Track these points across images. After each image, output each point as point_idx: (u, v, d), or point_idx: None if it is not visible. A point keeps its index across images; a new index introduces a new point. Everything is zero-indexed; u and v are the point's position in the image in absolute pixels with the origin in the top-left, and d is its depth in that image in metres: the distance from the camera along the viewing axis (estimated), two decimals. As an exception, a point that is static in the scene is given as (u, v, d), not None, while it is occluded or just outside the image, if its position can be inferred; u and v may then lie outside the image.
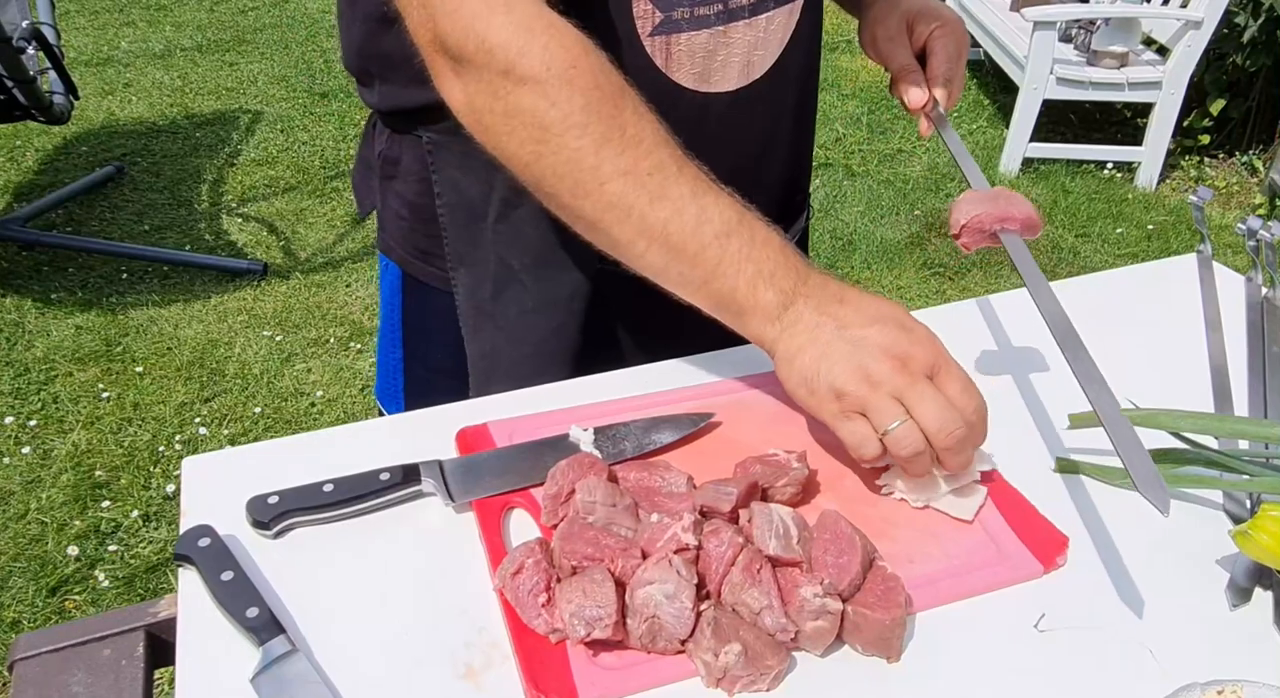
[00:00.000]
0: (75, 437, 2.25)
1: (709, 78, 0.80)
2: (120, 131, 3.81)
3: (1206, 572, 0.66)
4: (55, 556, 1.93)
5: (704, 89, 0.80)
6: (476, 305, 0.88)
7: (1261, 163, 3.64)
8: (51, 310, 2.72)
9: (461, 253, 0.87)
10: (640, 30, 0.75)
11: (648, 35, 0.75)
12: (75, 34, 4.73)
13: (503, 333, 0.89)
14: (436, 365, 0.95)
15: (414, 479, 0.69)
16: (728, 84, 0.82)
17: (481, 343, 0.90)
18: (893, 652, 0.58)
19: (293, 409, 2.39)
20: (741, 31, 0.79)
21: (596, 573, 0.58)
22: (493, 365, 0.90)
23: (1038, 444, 0.76)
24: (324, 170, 3.56)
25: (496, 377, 0.89)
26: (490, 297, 0.87)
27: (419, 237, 0.90)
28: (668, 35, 0.76)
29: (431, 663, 0.58)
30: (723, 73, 0.81)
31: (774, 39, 0.82)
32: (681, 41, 0.77)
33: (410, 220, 0.90)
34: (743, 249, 0.66)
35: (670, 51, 0.77)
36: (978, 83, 4.40)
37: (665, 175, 0.66)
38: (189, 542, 0.63)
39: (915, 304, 2.82)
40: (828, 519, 0.63)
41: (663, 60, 0.77)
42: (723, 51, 0.79)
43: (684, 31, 0.76)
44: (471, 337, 0.90)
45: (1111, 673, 0.58)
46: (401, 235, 0.92)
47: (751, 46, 0.81)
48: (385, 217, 0.93)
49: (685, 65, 0.78)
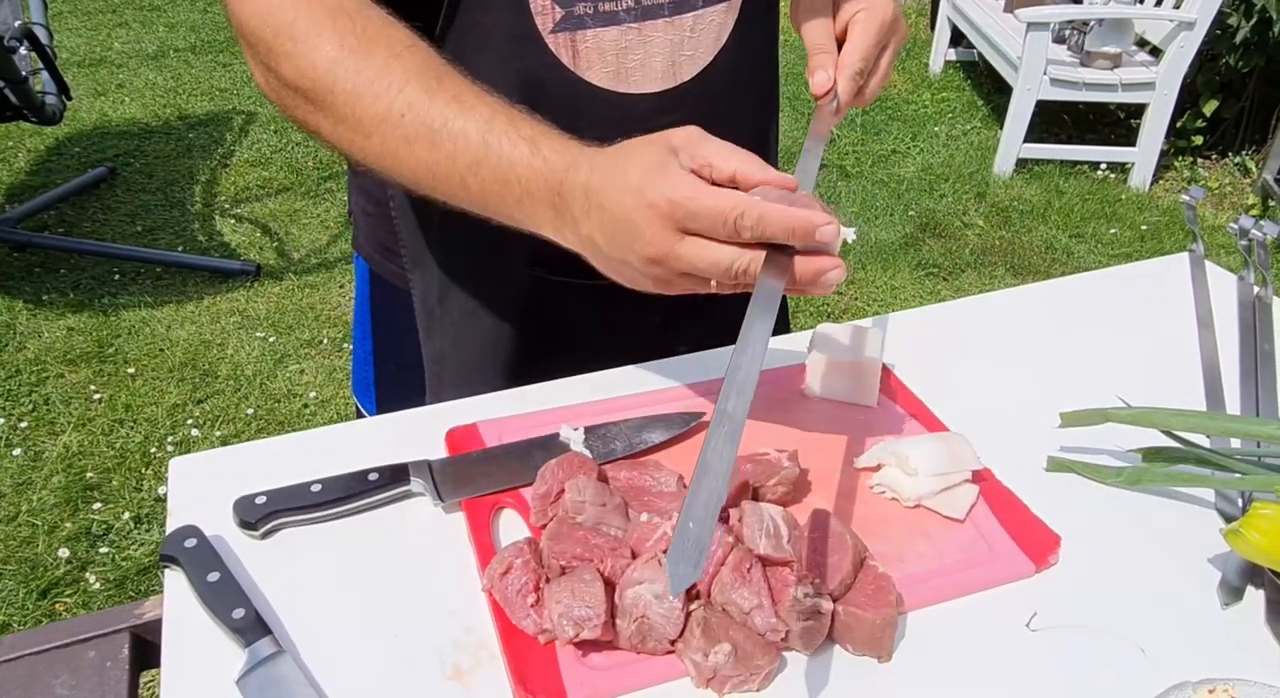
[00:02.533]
0: (66, 438, 2.24)
1: (625, 78, 0.77)
2: (113, 132, 3.80)
3: (1198, 571, 0.65)
4: (46, 558, 1.92)
5: (622, 89, 0.78)
6: (428, 308, 0.88)
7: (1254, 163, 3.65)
8: (43, 312, 2.70)
9: (415, 255, 0.87)
10: (541, 27, 0.73)
11: (549, 32, 0.74)
12: (68, 34, 4.72)
13: (448, 337, 0.88)
14: (403, 360, 0.94)
15: (403, 479, 0.68)
16: (650, 85, 0.78)
17: (432, 345, 0.89)
18: (884, 651, 0.58)
19: (285, 411, 2.38)
20: (660, 30, 0.76)
21: (586, 573, 0.58)
22: (442, 368, 0.89)
23: (1030, 443, 0.76)
24: (317, 171, 3.55)
25: (445, 380, 0.88)
26: (437, 299, 0.87)
27: (383, 234, 0.90)
28: (572, 32, 0.74)
29: (419, 664, 0.57)
30: (642, 73, 0.77)
31: (705, 40, 0.79)
32: (589, 38, 0.75)
33: (375, 218, 0.90)
34: (494, 175, 0.64)
35: (577, 48, 0.75)
36: (971, 84, 4.41)
37: (415, 113, 0.64)
38: (175, 542, 0.63)
39: (910, 304, 2.82)
40: (818, 518, 0.63)
41: (569, 58, 0.75)
42: (639, 50, 0.76)
43: (589, 28, 0.74)
44: (425, 339, 0.89)
45: (1103, 672, 0.58)
46: (368, 233, 0.92)
47: (675, 46, 0.78)
48: (356, 214, 0.94)
49: (595, 64, 0.76)
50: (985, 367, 0.86)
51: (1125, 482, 0.72)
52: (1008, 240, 3.26)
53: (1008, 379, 0.85)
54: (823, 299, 2.92)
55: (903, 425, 0.77)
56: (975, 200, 3.49)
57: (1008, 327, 0.92)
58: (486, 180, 0.64)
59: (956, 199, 3.51)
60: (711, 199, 0.57)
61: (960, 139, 3.94)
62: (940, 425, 0.77)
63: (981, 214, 3.42)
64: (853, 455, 0.73)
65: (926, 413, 0.78)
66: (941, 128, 4.03)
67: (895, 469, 0.70)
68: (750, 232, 0.57)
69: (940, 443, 0.71)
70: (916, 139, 3.95)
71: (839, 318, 2.78)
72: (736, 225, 0.57)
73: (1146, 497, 0.72)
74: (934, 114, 4.16)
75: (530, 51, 0.73)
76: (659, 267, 0.60)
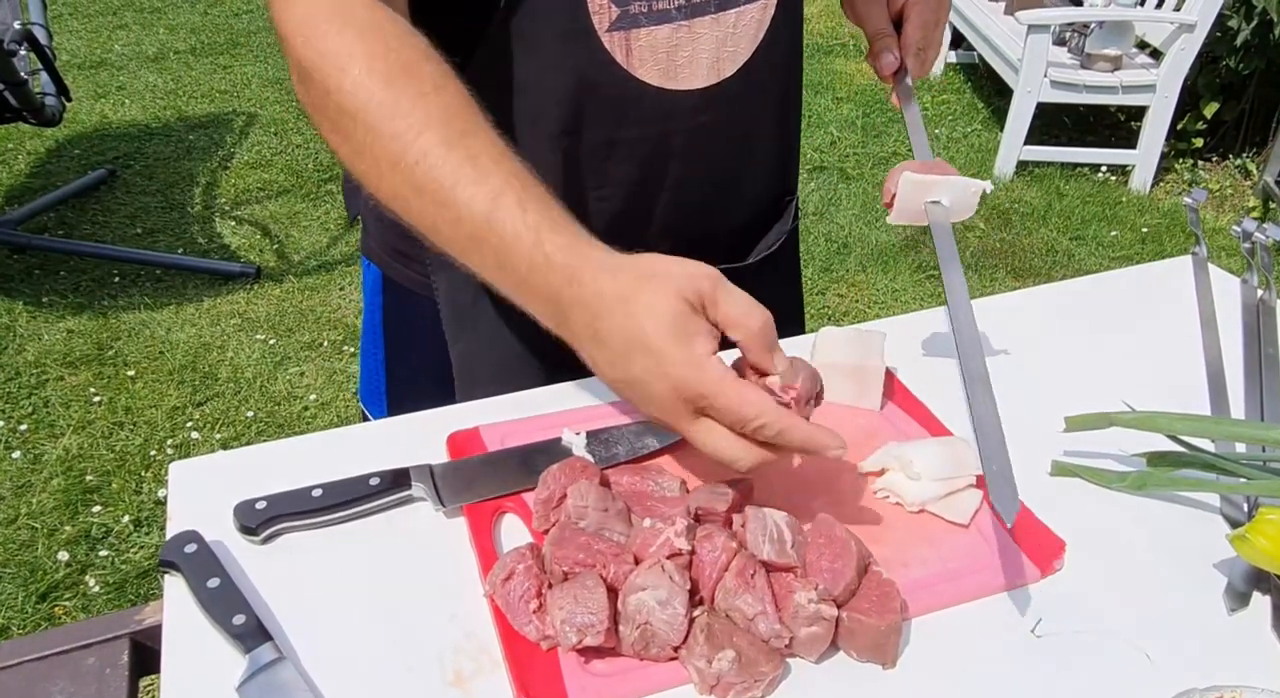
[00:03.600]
0: (66, 441, 2.23)
1: (675, 75, 0.78)
2: (113, 134, 3.79)
3: (1204, 576, 0.65)
4: (45, 561, 1.91)
5: (670, 87, 0.79)
6: (456, 311, 0.88)
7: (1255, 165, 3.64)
8: (43, 314, 2.70)
9: (440, 258, 0.86)
10: (597, 26, 0.73)
11: (605, 31, 0.74)
12: (68, 37, 4.72)
13: (481, 338, 0.88)
14: (418, 367, 0.94)
15: (404, 484, 0.68)
16: (696, 82, 0.80)
17: (462, 348, 0.89)
18: (888, 658, 0.58)
19: (286, 413, 2.38)
20: (707, 27, 0.77)
21: (588, 579, 0.57)
22: (473, 370, 0.89)
23: (1034, 448, 0.75)
24: (318, 174, 3.55)
25: (478, 381, 0.88)
26: (469, 302, 0.87)
27: (399, 240, 0.89)
28: (626, 31, 0.74)
29: (421, 670, 0.57)
30: (690, 70, 0.79)
31: (745, 36, 0.81)
32: (642, 37, 0.75)
33: (390, 223, 0.89)
34: (494, 257, 0.62)
35: (631, 47, 0.75)
36: (972, 86, 4.41)
37: (429, 165, 0.62)
38: (175, 548, 0.62)
39: (910, 307, 2.82)
40: (822, 524, 0.62)
41: (623, 56, 0.76)
42: (688, 47, 0.77)
43: (643, 26, 0.75)
44: (453, 341, 0.89)
45: (1110, 679, 0.57)
46: (382, 238, 0.92)
47: (720, 43, 0.79)
48: (366, 219, 0.93)
49: (648, 62, 0.77)
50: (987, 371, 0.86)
51: (1130, 486, 0.71)
52: (1008, 243, 3.26)
53: (1011, 383, 0.84)
54: (822, 301, 2.92)
55: (906, 430, 0.77)
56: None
57: (1010, 330, 0.92)
58: (487, 257, 0.62)
59: (957, 201, 3.51)
60: (737, 400, 0.57)
61: (961, 141, 3.94)
62: (944, 430, 0.76)
63: (982, 216, 3.41)
64: (856, 460, 0.73)
65: (930, 417, 0.78)
66: (942, 130, 4.03)
67: (899, 474, 0.69)
68: (766, 438, 0.58)
69: (944, 447, 0.70)
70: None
71: (840, 321, 2.78)
72: (754, 432, 0.57)
73: (1151, 502, 0.71)
74: (934, 116, 4.16)
75: (585, 50, 0.74)
76: (664, 423, 0.61)
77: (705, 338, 0.58)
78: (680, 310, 0.57)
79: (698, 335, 0.58)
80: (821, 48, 4.85)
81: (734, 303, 0.59)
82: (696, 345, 0.57)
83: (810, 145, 3.85)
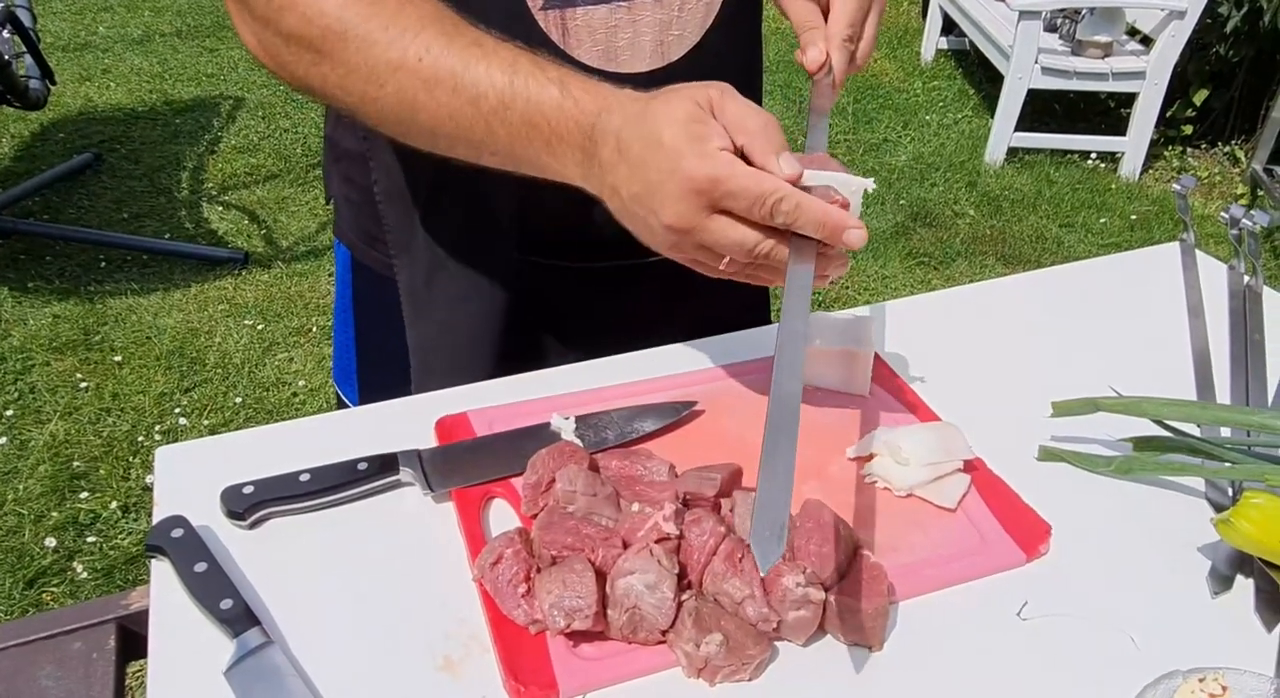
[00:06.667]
0: (53, 427, 2.22)
1: (615, 57, 0.77)
2: (98, 118, 3.75)
3: (1188, 560, 0.66)
4: (33, 547, 1.91)
5: (611, 69, 0.77)
6: (413, 294, 0.87)
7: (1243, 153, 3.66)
8: (28, 299, 2.68)
9: (401, 240, 0.85)
10: (531, 4, 0.73)
11: (539, 9, 0.73)
12: (52, 19, 4.66)
13: (435, 323, 0.87)
14: (386, 348, 0.93)
15: (392, 469, 0.68)
16: (639, 65, 0.78)
17: (418, 333, 0.88)
18: (875, 641, 0.58)
19: (274, 399, 2.37)
20: (649, 9, 0.76)
21: (577, 563, 0.57)
22: (429, 356, 0.88)
23: (1021, 432, 0.76)
24: (306, 158, 3.52)
25: (433, 367, 0.87)
26: (423, 284, 0.86)
27: (365, 221, 0.89)
28: (561, 10, 0.74)
29: (409, 654, 0.57)
30: (631, 52, 0.77)
31: (692, 19, 0.78)
32: (578, 16, 0.74)
33: (358, 204, 0.89)
34: (521, 118, 0.62)
35: (567, 27, 0.74)
36: (963, 72, 4.40)
37: (434, 57, 0.62)
38: (162, 533, 0.62)
39: (901, 293, 2.83)
40: (811, 508, 0.62)
41: (559, 36, 0.74)
42: (628, 29, 0.76)
43: (579, 5, 0.74)
44: (410, 326, 0.88)
45: (1094, 661, 0.58)
46: (350, 219, 0.91)
47: (664, 26, 0.77)
48: (337, 200, 0.93)
49: (585, 42, 0.75)
50: (977, 356, 0.86)
51: (1116, 471, 0.72)
52: (998, 230, 3.27)
53: (999, 368, 0.84)
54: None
55: (895, 415, 0.77)
56: (966, 189, 3.49)
57: (999, 316, 0.92)
58: (514, 124, 0.62)
59: (947, 188, 3.51)
60: (752, 180, 0.58)
61: (951, 128, 3.94)
62: (932, 415, 0.77)
63: (972, 203, 3.42)
64: (845, 445, 0.73)
65: (918, 402, 0.78)
66: (933, 117, 4.03)
67: (887, 459, 0.70)
68: (783, 218, 0.58)
69: (932, 432, 0.71)
70: (907, 128, 3.95)
71: (830, 307, 2.78)
72: (772, 209, 0.58)
73: (1137, 486, 0.72)
74: (925, 103, 4.16)
75: (521, 30, 0.72)
76: (680, 235, 0.60)
77: (718, 136, 0.59)
78: (693, 112, 0.59)
79: (711, 134, 0.59)
80: (813, 33, 4.83)
81: (736, 106, 0.60)
82: (710, 141, 0.58)
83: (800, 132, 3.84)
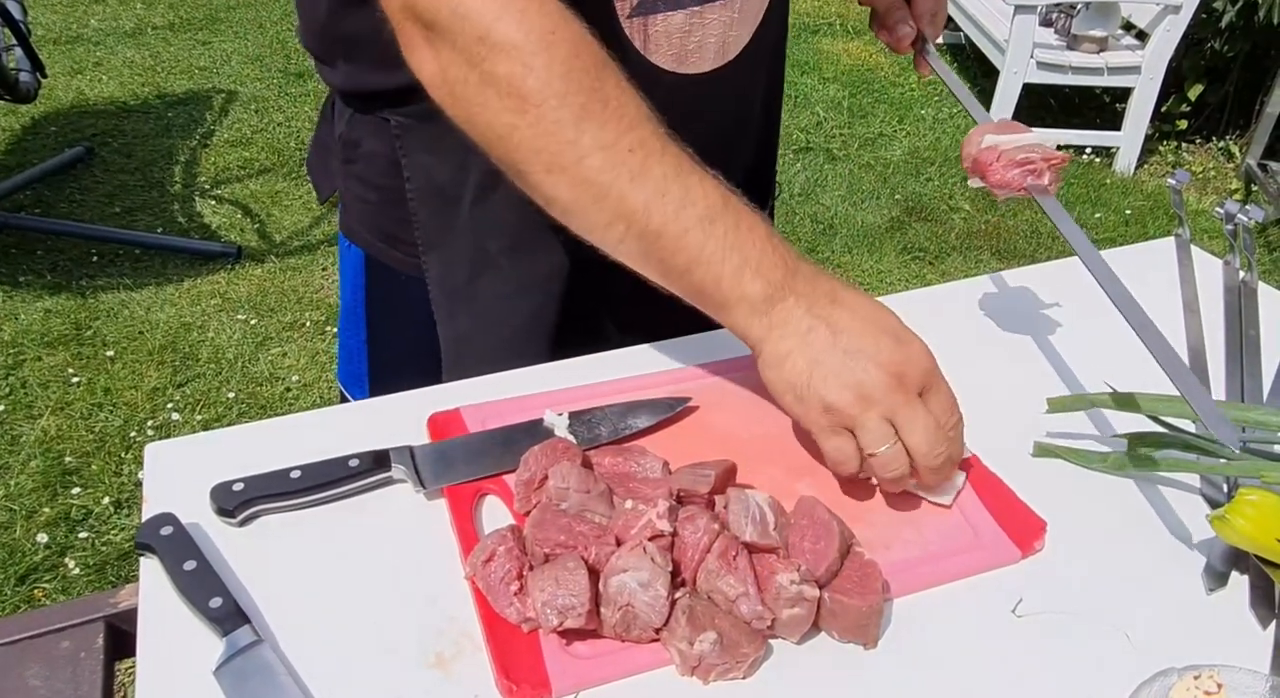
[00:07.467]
0: (44, 422, 2.21)
1: (685, 59, 0.79)
2: (90, 111, 3.73)
3: (1183, 556, 0.65)
4: (24, 543, 1.90)
5: (680, 71, 0.79)
6: (450, 290, 0.87)
7: (1238, 148, 3.66)
8: (20, 294, 2.66)
9: (433, 238, 0.85)
10: (620, 12, 0.73)
11: (626, 17, 0.74)
12: (43, 11, 4.63)
13: (478, 317, 0.87)
14: (402, 349, 0.93)
15: (384, 465, 0.67)
16: (704, 65, 0.80)
17: (455, 328, 0.88)
18: (870, 638, 0.58)
19: (268, 394, 2.36)
20: (717, 12, 0.78)
21: (569, 561, 0.57)
22: (466, 350, 0.88)
23: (1016, 429, 0.75)
24: (299, 152, 3.50)
25: (470, 361, 0.87)
26: (465, 281, 0.85)
27: (385, 220, 0.88)
28: (645, 17, 0.75)
29: (401, 652, 0.56)
30: (699, 54, 0.79)
31: (748, 19, 0.81)
32: (659, 22, 0.76)
33: (376, 204, 0.88)
34: (728, 236, 0.63)
35: (648, 33, 0.76)
36: (958, 67, 4.40)
37: (648, 153, 0.62)
38: (150, 530, 0.61)
39: (895, 288, 2.82)
40: (805, 505, 0.62)
41: (641, 42, 0.76)
42: (698, 32, 0.78)
43: (660, 12, 0.75)
44: (445, 321, 0.88)
45: (1088, 658, 0.58)
46: (366, 219, 0.90)
47: (727, 27, 0.80)
48: (347, 200, 0.91)
49: (663, 47, 0.77)
50: (971, 352, 0.86)
51: (1111, 467, 0.72)
52: (993, 224, 3.27)
53: (993, 364, 0.84)
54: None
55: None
56: (961, 184, 3.49)
57: (994, 311, 0.92)
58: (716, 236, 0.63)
59: (943, 183, 3.51)
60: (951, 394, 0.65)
61: (947, 122, 3.93)
62: (927, 411, 0.76)
63: (967, 198, 3.42)
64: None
65: (913, 398, 0.78)
66: (928, 111, 4.03)
67: (882, 455, 0.69)
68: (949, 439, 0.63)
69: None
70: (903, 122, 3.95)
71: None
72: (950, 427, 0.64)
73: (1132, 482, 0.71)
74: (921, 97, 4.15)
75: (606, 37, 0.73)
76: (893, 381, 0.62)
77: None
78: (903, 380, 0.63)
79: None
80: (808, 27, 4.83)
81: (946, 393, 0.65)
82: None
83: (796, 126, 3.83)
